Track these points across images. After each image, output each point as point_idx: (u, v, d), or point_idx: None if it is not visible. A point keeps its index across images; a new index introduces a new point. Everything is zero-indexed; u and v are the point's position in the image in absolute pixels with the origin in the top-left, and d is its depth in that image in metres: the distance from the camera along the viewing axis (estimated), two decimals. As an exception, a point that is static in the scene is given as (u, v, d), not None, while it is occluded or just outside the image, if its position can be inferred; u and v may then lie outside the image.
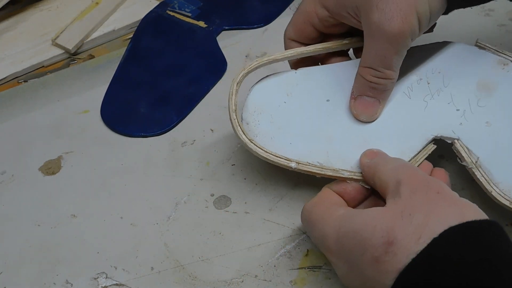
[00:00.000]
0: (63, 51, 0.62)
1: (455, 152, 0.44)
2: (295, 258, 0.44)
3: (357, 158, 0.43)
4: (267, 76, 0.47)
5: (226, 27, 0.65)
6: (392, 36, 0.41)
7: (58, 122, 0.56)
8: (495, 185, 0.43)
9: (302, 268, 0.44)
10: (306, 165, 0.41)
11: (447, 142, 0.45)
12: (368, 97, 0.44)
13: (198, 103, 0.57)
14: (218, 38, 0.64)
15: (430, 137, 0.44)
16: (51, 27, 0.65)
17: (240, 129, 0.44)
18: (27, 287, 0.44)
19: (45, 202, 0.49)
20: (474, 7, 0.66)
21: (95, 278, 0.44)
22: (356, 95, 0.45)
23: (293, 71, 0.48)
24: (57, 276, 0.44)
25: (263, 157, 0.43)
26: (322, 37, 0.48)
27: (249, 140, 0.43)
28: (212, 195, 0.49)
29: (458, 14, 0.51)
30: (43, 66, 0.62)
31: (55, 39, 0.62)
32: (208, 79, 0.59)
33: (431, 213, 0.33)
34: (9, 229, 0.47)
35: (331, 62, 0.49)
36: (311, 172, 0.42)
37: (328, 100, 0.46)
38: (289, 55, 0.47)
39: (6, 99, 0.58)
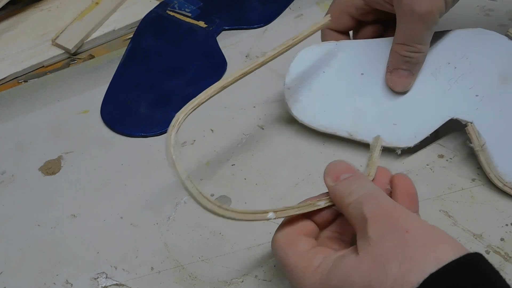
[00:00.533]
0: (63, 51, 0.62)
1: (467, 133, 0.48)
2: (295, 258, 0.44)
3: (380, 131, 0.46)
4: (309, 45, 0.51)
5: (226, 27, 0.65)
6: (422, 15, 0.45)
7: (58, 122, 0.56)
8: (494, 168, 0.47)
9: (302, 268, 0.44)
10: (283, 210, 0.38)
11: (462, 124, 0.48)
12: (403, 70, 0.48)
13: (198, 103, 0.57)
14: (218, 38, 0.64)
15: (447, 118, 0.48)
16: (51, 27, 0.65)
17: (205, 199, 0.36)
18: (27, 287, 0.44)
19: (45, 202, 0.49)
20: (473, 7, 0.66)
21: (95, 278, 0.44)
22: (391, 69, 0.49)
23: (334, 42, 0.51)
24: (57, 276, 0.44)
25: (239, 219, 0.38)
26: (358, 24, 0.52)
27: (219, 206, 0.37)
28: (212, 195, 0.49)
29: (458, 14, 0.51)
30: (43, 66, 0.62)
31: (55, 39, 0.62)
32: (208, 79, 0.59)
33: (405, 262, 0.31)
34: (9, 229, 0.47)
35: (364, 33, 0.52)
36: (289, 215, 0.38)
37: (362, 74, 0.50)
38: (212, 94, 0.44)
39: (6, 99, 0.58)
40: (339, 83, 0.50)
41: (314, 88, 0.50)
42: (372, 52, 0.50)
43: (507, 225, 0.46)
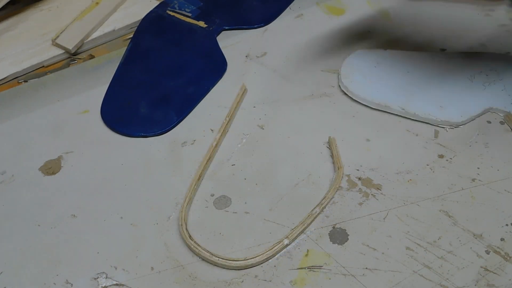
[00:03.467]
0: (63, 51, 0.62)
1: (505, 122, 0.55)
2: (295, 258, 0.44)
3: (429, 111, 0.54)
4: (361, 50, 0.61)
5: (226, 27, 0.65)
6: None
7: (58, 122, 0.56)
8: None
9: (302, 268, 0.44)
10: (293, 231, 0.46)
11: (499, 114, 0.56)
12: None
13: (198, 103, 0.57)
14: (218, 38, 0.64)
15: (487, 107, 0.55)
16: (51, 27, 0.65)
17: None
18: (27, 287, 0.44)
19: (45, 202, 0.49)
20: (473, 7, 0.66)
21: (95, 278, 0.44)
22: None
23: (382, 50, 0.61)
24: (57, 276, 0.44)
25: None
26: None
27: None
28: (212, 195, 0.49)
29: (459, 14, 0.51)
30: (43, 66, 0.62)
31: (55, 39, 0.62)
32: (208, 79, 0.59)
33: None
34: (9, 229, 0.47)
35: None
36: (301, 231, 0.46)
37: (408, 72, 0.59)
38: (195, 187, 0.50)
39: (6, 99, 0.58)
40: (389, 74, 0.59)
41: (367, 75, 0.58)
42: (415, 59, 0.60)
43: (507, 225, 0.46)
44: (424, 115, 0.54)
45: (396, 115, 0.55)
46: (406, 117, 0.55)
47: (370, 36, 0.64)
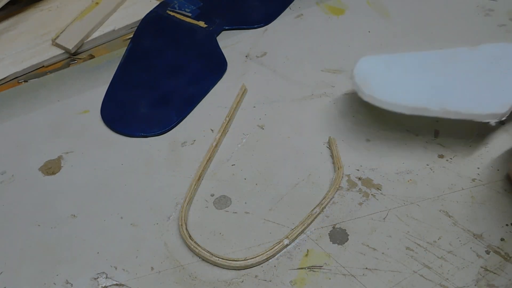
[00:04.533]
0: (63, 51, 0.62)
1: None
2: (295, 258, 0.44)
3: (471, 104, 0.51)
4: (369, 55, 0.57)
5: (226, 27, 0.65)
6: None
7: (58, 122, 0.56)
8: None
9: (302, 268, 0.44)
10: (294, 230, 0.46)
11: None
12: None
13: (198, 103, 0.57)
14: (218, 38, 0.64)
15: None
16: (51, 27, 0.65)
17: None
18: (27, 287, 0.44)
19: (45, 202, 0.49)
20: (473, 7, 0.66)
21: (95, 278, 0.44)
22: None
23: (392, 53, 0.58)
24: (57, 276, 0.44)
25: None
26: None
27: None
28: (212, 195, 0.49)
29: (459, 14, 0.51)
30: (43, 66, 0.62)
31: (55, 39, 0.62)
32: (208, 79, 0.59)
33: None
34: (9, 229, 0.47)
35: None
36: (301, 231, 0.46)
37: (435, 72, 0.55)
38: (195, 187, 0.50)
39: (6, 99, 0.58)
40: (404, 76, 0.55)
41: (381, 77, 0.55)
42: (429, 59, 0.56)
43: (507, 225, 0.46)
44: (466, 112, 0.50)
45: (434, 117, 0.52)
46: (446, 118, 0.51)
47: (370, 36, 0.64)
